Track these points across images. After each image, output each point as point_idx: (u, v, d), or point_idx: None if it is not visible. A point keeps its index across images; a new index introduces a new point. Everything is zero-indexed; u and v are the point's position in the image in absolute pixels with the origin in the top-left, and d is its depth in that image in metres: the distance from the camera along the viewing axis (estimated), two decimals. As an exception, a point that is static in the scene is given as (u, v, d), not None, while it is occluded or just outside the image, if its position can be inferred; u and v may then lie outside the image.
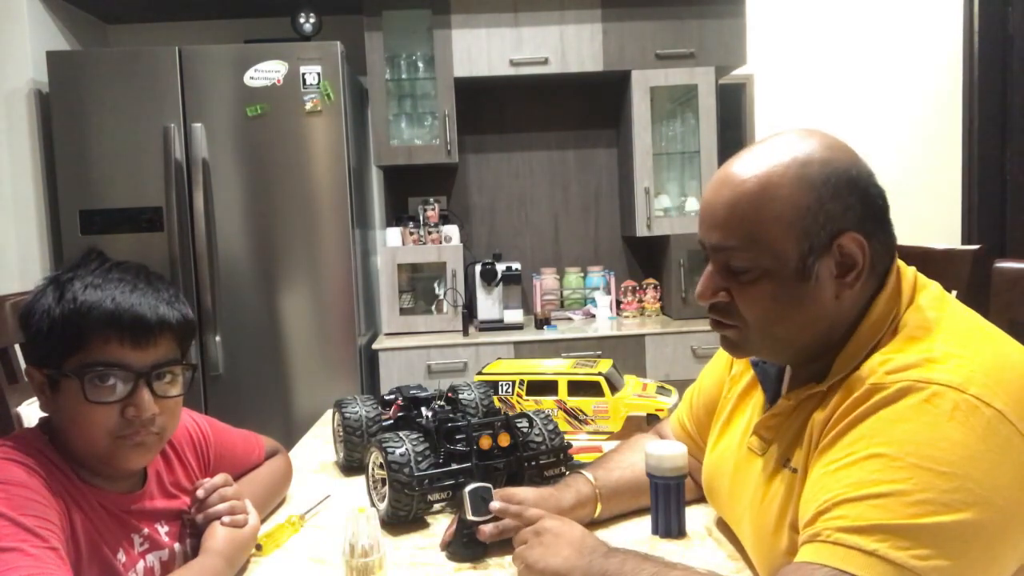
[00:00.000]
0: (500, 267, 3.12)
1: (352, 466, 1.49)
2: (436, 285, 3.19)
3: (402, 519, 1.20)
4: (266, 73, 2.77)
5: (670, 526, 1.14)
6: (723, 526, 1.13)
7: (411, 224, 3.16)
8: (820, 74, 3.43)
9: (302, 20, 2.96)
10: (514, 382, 1.73)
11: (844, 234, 0.83)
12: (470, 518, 1.08)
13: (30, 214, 2.88)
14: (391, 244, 3.12)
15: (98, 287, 0.96)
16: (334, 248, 2.85)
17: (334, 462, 1.57)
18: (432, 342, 2.94)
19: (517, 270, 3.15)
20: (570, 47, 3.05)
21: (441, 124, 3.06)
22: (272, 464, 1.35)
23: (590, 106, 3.45)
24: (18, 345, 1.23)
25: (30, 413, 1.31)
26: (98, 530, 0.97)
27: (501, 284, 3.13)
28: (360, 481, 1.37)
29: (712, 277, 0.89)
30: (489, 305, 3.14)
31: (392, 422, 1.48)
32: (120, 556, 1.00)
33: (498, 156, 3.47)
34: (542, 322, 3.13)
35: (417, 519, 1.23)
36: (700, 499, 1.20)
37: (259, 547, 1.14)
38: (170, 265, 2.73)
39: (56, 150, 2.75)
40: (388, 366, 2.92)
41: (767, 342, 0.90)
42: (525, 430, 1.32)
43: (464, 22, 3.02)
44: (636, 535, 1.15)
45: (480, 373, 1.79)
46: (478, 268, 3.13)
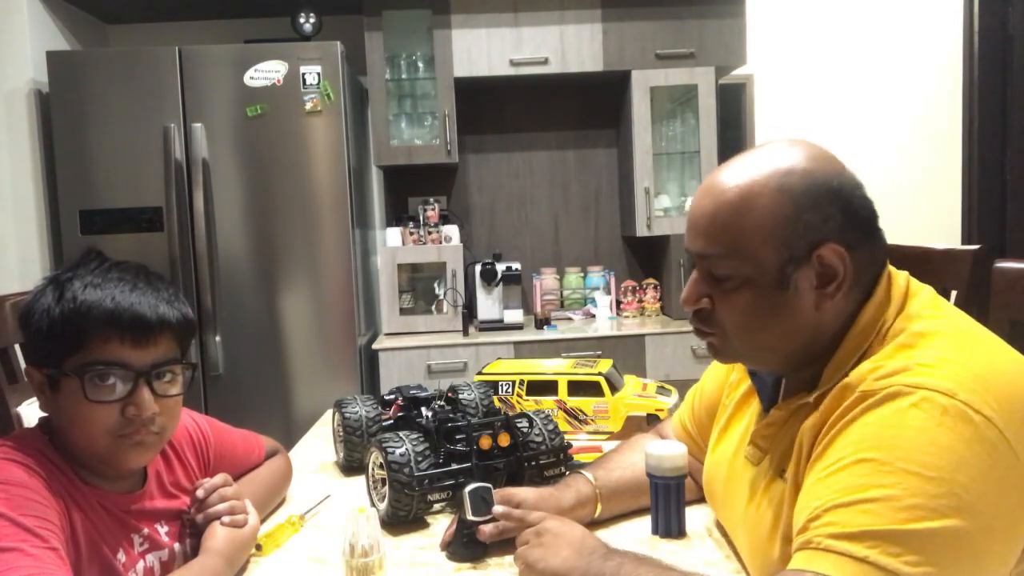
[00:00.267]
0: (500, 267, 3.12)
1: (352, 466, 1.49)
2: (436, 285, 3.19)
3: (402, 519, 1.21)
4: (266, 73, 2.77)
5: (670, 526, 1.14)
6: (723, 526, 1.13)
7: (411, 224, 3.16)
8: (820, 74, 3.43)
9: (302, 20, 2.96)
10: (514, 382, 1.73)
11: (824, 245, 0.83)
12: (470, 518, 1.08)
13: (30, 214, 2.88)
14: (391, 244, 3.12)
15: (98, 286, 0.96)
16: (334, 248, 2.85)
17: (334, 462, 1.57)
18: (432, 342, 2.94)
19: (517, 270, 3.15)
20: (570, 47, 3.05)
21: (441, 124, 3.06)
22: (272, 464, 1.35)
23: (590, 106, 3.45)
24: (18, 345, 1.23)
25: (30, 413, 1.31)
26: (98, 530, 0.97)
27: (501, 284, 3.13)
28: (360, 481, 1.37)
29: (696, 284, 0.90)
30: (489, 305, 3.14)
31: (392, 422, 1.49)
32: (120, 556, 1.00)
33: (498, 156, 3.47)
34: (542, 322, 3.13)
35: (417, 519, 1.23)
36: (700, 499, 1.20)
37: (259, 547, 1.14)
38: (170, 265, 2.73)
39: (56, 150, 2.75)
40: (388, 366, 2.92)
41: (748, 350, 0.91)
42: (525, 430, 1.32)
43: (464, 22, 3.02)
44: (636, 535, 1.15)
45: (480, 373, 1.79)
46: (478, 268, 3.13)
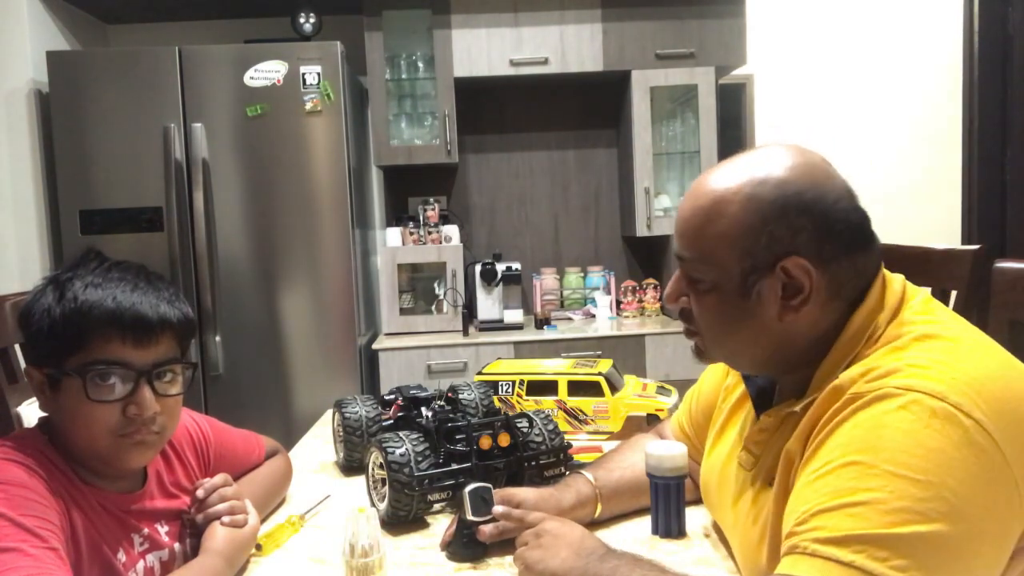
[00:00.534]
0: (500, 267, 3.12)
1: (352, 466, 1.49)
2: (436, 285, 3.19)
3: (402, 519, 1.20)
4: (266, 73, 2.77)
5: (670, 526, 1.14)
6: (720, 528, 1.13)
7: (411, 224, 3.16)
8: (820, 74, 3.43)
9: (302, 20, 2.96)
10: (514, 382, 1.73)
11: (789, 258, 0.83)
12: (470, 518, 1.08)
13: (30, 214, 2.88)
14: (391, 244, 3.12)
15: (98, 286, 0.96)
16: (334, 248, 2.85)
17: (334, 462, 1.57)
18: (432, 342, 2.94)
19: (517, 270, 3.15)
20: (570, 47, 3.05)
21: (441, 124, 3.06)
22: (272, 464, 1.35)
23: (590, 106, 3.45)
24: (18, 345, 1.23)
25: (30, 413, 1.31)
26: (98, 530, 0.97)
27: (501, 284, 3.13)
28: (360, 481, 1.37)
29: (676, 282, 0.93)
30: (489, 305, 3.14)
31: (392, 422, 1.48)
32: (120, 556, 1.00)
33: (498, 156, 3.47)
34: (542, 322, 3.13)
35: (417, 519, 1.23)
36: (700, 499, 1.19)
37: (259, 547, 1.14)
38: (170, 265, 2.73)
39: (56, 150, 2.75)
40: (388, 366, 2.92)
41: (720, 352, 0.93)
42: (525, 430, 1.32)
43: (464, 22, 3.02)
44: (636, 535, 1.15)
45: (480, 373, 1.79)
46: (478, 268, 3.13)
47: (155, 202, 2.77)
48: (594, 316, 3.26)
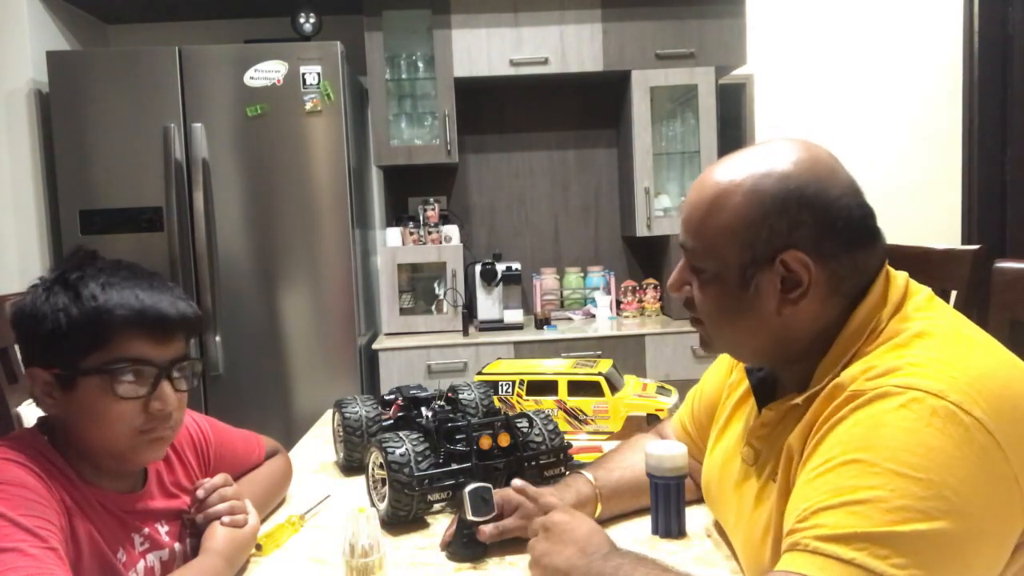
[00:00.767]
0: (500, 267, 3.12)
1: (352, 466, 1.49)
2: (436, 285, 3.19)
3: (402, 519, 1.21)
4: (266, 73, 2.77)
5: (670, 526, 1.14)
6: (722, 527, 1.13)
7: (411, 224, 3.16)
8: (820, 74, 3.43)
9: (302, 20, 2.96)
10: (514, 382, 1.73)
11: (788, 251, 0.83)
12: (470, 518, 1.08)
13: (30, 214, 2.88)
14: (391, 244, 3.12)
15: (114, 286, 0.97)
16: (334, 248, 2.85)
17: (334, 462, 1.57)
18: (432, 342, 2.94)
19: (517, 270, 3.15)
20: (570, 47, 3.05)
21: (441, 124, 3.06)
22: (272, 464, 1.35)
23: (590, 106, 3.45)
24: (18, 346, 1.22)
25: (30, 413, 1.31)
26: (98, 529, 0.97)
27: (501, 284, 3.13)
28: (360, 481, 1.37)
29: (680, 271, 0.94)
30: (489, 305, 3.14)
31: (392, 422, 1.48)
32: (120, 555, 1.00)
33: (498, 156, 3.47)
34: (542, 322, 3.13)
35: (417, 519, 1.23)
36: (700, 499, 1.19)
37: (259, 547, 1.14)
38: (170, 265, 2.73)
39: (56, 150, 2.75)
40: (388, 366, 2.92)
41: (722, 342, 0.94)
42: (525, 430, 1.32)
43: (464, 22, 3.02)
44: (636, 535, 1.15)
45: (480, 373, 1.79)
46: (478, 268, 3.13)
47: (155, 202, 2.77)
48: (594, 316, 3.25)
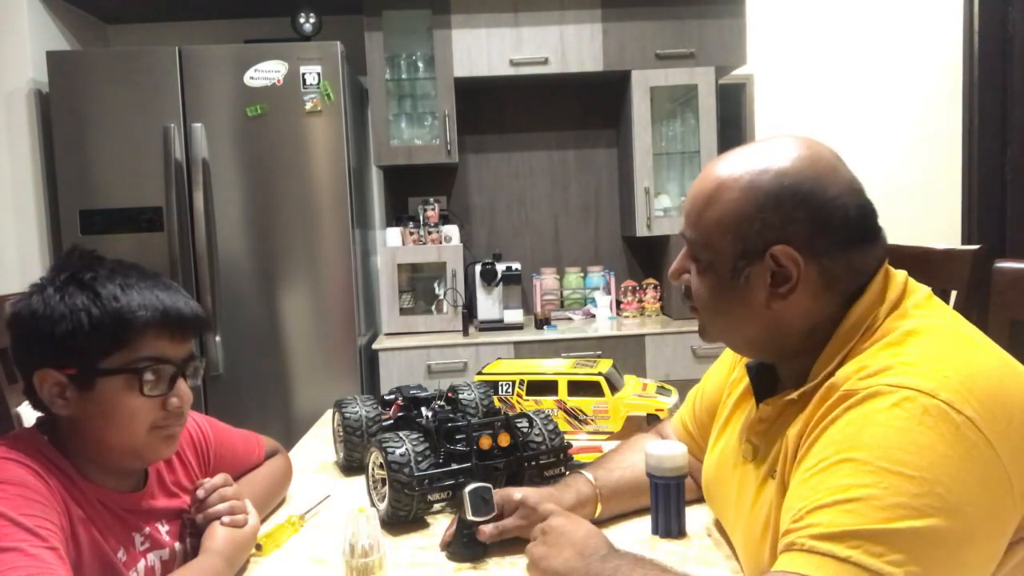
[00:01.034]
0: (500, 267, 3.12)
1: (352, 466, 1.49)
2: (436, 285, 3.19)
3: (402, 519, 1.21)
4: (266, 73, 2.77)
5: (670, 526, 1.14)
6: (722, 526, 1.13)
7: (411, 224, 3.16)
8: (820, 74, 3.43)
9: (302, 20, 2.96)
10: (514, 382, 1.73)
11: (778, 246, 0.85)
12: (470, 518, 1.08)
13: (30, 214, 2.88)
14: (391, 244, 3.12)
15: (132, 287, 0.98)
16: (334, 248, 2.85)
17: (334, 462, 1.57)
18: (432, 342, 2.94)
19: (517, 270, 3.15)
20: (570, 47, 3.05)
21: (441, 124, 3.06)
22: (272, 464, 1.36)
23: (590, 106, 3.45)
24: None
25: (30, 413, 1.31)
26: (99, 529, 0.97)
27: (501, 284, 3.13)
28: (360, 481, 1.37)
29: (681, 259, 0.96)
30: (489, 305, 3.14)
31: (392, 422, 1.48)
32: (121, 555, 1.00)
33: (498, 156, 3.47)
34: (542, 322, 3.13)
35: (417, 519, 1.23)
36: (700, 499, 1.19)
37: (259, 547, 1.14)
38: (170, 265, 2.73)
39: (56, 150, 2.75)
40: (388, 366, 2.92)
41: (715, 330, 0.96)
42: (525, 430, 1.32)
43: (464, 22, 3.02)
44: (636, 535, 1.15)
45: (480, 373, 1.79)
46: (478, 268, 3.13)
47: (155, 202, 2.77)
48: (594, 316, 3.25)
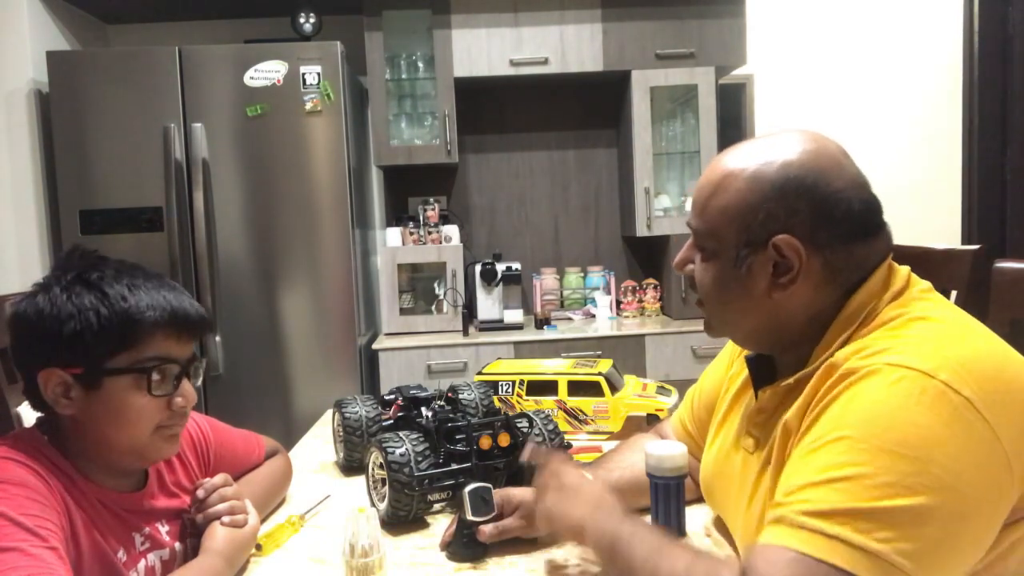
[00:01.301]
0: (500, 267, 3.12)
1: (352, 466, 1.49)
2: (436, 285, 3.19)
3: (402, 519, 1.21)
4: (266, 73, 2.77)
5: (670, 526, 1.13)
6: (722, 526, 1.13)
7: (411, 224, 3.16)
8: (820, 74, 3.43)
9: (302, 20, 2.96)
10: (514, 382, 1.73)
11: (781, 236, 0.86)
12: (470, 518, 1.08)
13: (30, 214, 2.88)
14: (391, 244, 3.12)
15: (139, 287, 0.99)
16: (334, 248, 2.85)
17: (334, 462, 1.57)
18: (432, 342, 2.94)
19: (517, 270, 3.15)
20: (570, 47, 3.05)
21: (441, 124, 3.06)
22: (272, 464, 1.36)
23: (590, 106, 3.45)
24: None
25: (30, 413, 1.31)
26: (99, 529, 0.97)
27: (501, 284, 3.13)
28: (360, 481, 1.37)
29: (687, 250, 0.98)
30: (489, 305, 3.14)
31: (392, 422, 1.48)
32: (121, 555, 1.00)
33: (498, 156, 3.47)
34: (542, 322, 3.13)
35: (417, 519, 1.23)
36: (700, 499, 1.19)
37: (259, 547, 1.14)
38: (170, 265, 2.73)
39: (56, 150, 2.75)
40: (388, 366, 2.92)
41: (718, 321, 0.97)
42: (525, 430, 1.32)
43: (464, 22, 3.02)
44: (636, 535, 1.15)
45: (480, 373, 1.79)
46: (478, 268, 3.13)
47: (155, 202, 2.77)
48: (594, 316, 3.25)
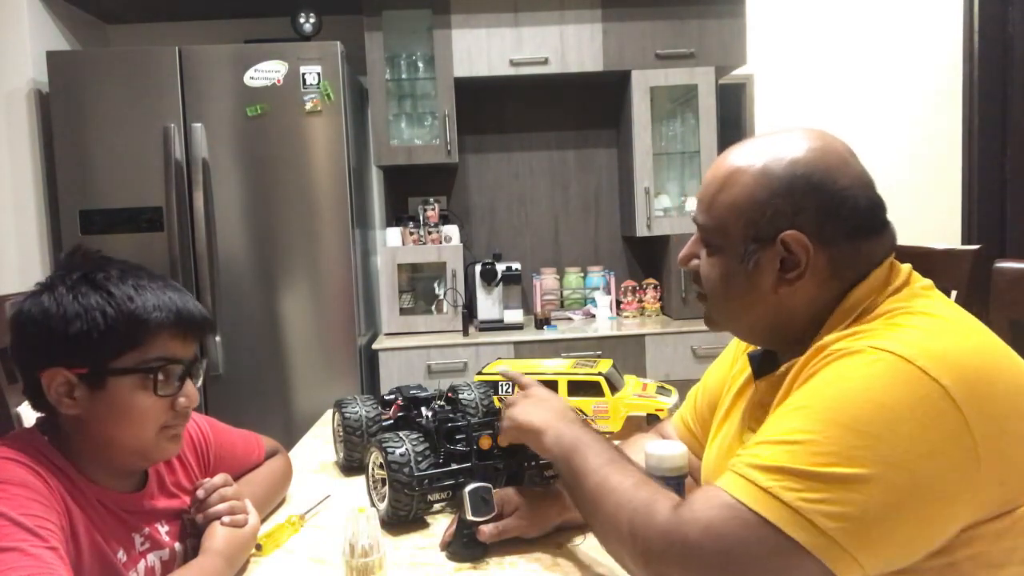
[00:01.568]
0: (500, 267, 3.12)
1: (352, 466, 1.49)
2: (436, 285, 3.19)
3: (402, 519, 1.21)
4: (266, 73, 2.77)
5: (670, 526, 1.13)
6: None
7: (411, 224, 3.16)
8: (820, 74, 3.43)
9: (302, 20, 2.96)
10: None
11: (790, 232, 0.87)
12: (470, 518, 1.08)
13: (30, 214, 2.88)
14: (391, 244, 3.12)
15: (145, 288, 0.99)
16: (334, 248, 2.85)
17: (334, 462, 1.57)
18: (432, 342, 2.94)
19: (517, 270, 3.15)
20: (570, 47, 3.05)
21: (441, 124, 3.06)
22: (272, 464, 1.36)
23: (590, 106, 3.45)
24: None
25: (30, 413, 1.31)
26: (99, 529, 0.97)
27: (501, 284, 3.13)
28: (360, 481, 1.37)
29: (692, 245, 0.99)
30: (489, 305, 3.14)
31: (392, 422, 1.48)
32: (121, 555, 1.00)
33: (498, 156, 3.47)
34: (542, 322, 3.13)
35: (417, 519, 1.23)
36: (700, 498, 1.19)
37: (259, 547, 1.14)
38: (170, 265, 2.74)
39: (56, 150, 2.75)
40: (388, 366, 2.92)
41: (721, 316, 0.98)
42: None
43: (464, 22, 3.02)
44: (636, 535, 1.15)
45: (480, 373, 1.79)
46: (478, 268, 3.13)
47: (155, 202, 2.77)
48: (594, 316, 3.25)
